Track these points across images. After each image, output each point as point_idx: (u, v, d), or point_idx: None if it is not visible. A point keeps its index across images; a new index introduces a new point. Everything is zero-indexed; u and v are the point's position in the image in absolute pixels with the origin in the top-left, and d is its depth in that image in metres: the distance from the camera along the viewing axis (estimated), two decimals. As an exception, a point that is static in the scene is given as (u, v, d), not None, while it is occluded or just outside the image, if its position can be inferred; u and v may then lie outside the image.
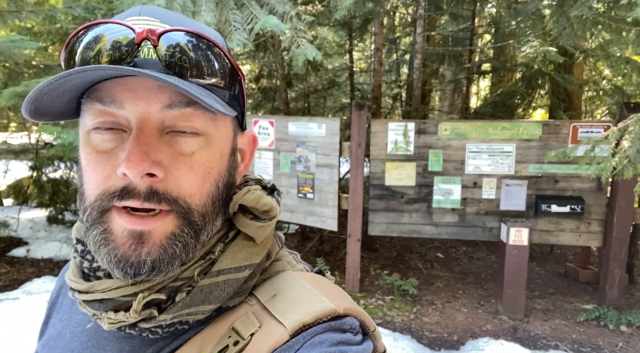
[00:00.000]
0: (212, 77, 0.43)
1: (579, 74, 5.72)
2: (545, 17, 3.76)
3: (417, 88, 4.66)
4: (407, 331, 3.34)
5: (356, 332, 0.45)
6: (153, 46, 0.41)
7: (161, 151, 0.41)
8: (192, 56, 0.42)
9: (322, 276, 0.52)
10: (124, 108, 0.41)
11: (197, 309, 0.44)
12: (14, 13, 4.61)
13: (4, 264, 4.45)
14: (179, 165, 0.42)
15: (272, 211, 0.49)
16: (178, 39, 0.42)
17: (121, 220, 0.40)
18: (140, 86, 0.41)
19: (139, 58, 0.41)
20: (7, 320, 3.12)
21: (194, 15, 2.83)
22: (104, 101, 0.41)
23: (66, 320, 0.55)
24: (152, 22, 0.44)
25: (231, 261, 0.46)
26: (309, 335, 0.42)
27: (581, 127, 3.56)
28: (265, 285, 0.48)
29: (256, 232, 0.47)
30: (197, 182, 0.43)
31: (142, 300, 0.42)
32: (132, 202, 0.40)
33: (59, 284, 0.62)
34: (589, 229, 3.62)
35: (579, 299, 3.92)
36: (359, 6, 3.98)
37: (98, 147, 0.42)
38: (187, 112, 0.42)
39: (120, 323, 0.43)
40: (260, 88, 6.45)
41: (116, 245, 0.40)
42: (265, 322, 0.44)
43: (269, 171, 4.19)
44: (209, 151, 0.44)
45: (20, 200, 6.22)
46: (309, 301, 0.44)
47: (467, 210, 3.77)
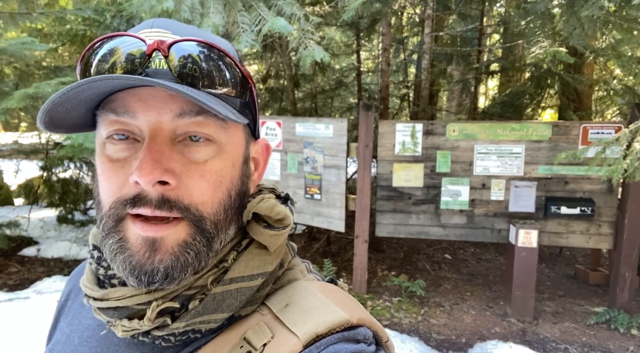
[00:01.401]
0: (222, 86, 0.44)
1: (589, 74, 5.66)
2: (555, 17, 3.72)
3: (424, 88, 4.63)
4: (415, 333, 3.32)
5: (370, 342, 0.44)
6: (164, 56, 0.41)
7: (173, 159, 0.41)
8: (203, 66, 0.42)
9: (334, 286, 0.52)
10: (137, 118, 0.41)
11: (209, 317, 0.44)
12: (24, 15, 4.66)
13: (15, 263, 4.51)
14: (191, 173, 0.42)
15: (285, 219, 0.49)
16: (188, 49, 0.42)
17: (135, 228, 0.41)
18: (151, 96, 0.41)
19: (150, 69, 0.42)
20: (17, 319, 3.16)
21: (202, 17, 2.84)
22: (117, 111, 0.42)
23: (75, 325, 0.55)
24: (163, 33, 0.45)
25: (244, 269, 0.46)
26: (322, 346, 0.41)
27: (591, 129, 3.52)
28: (278, 294, 0.48)
29: (270, 240, 0.47)
30: (209, 190, 0.43)
31: (155, 308, 0.42)
32: (143, 210, 0.40)
33: (68, 288, 0.62)
34: (599, 231, 3.58)
35: (589, 302, 3.88)
36: (366, 7, 3.97)
37: (112, 156, 0.43)
38: (198, 121, 0.42)
39: (134, 331, 0.43)
40: (267, 89, 6.46)
41: (131, 252, 0.41)
42: (278, 332, 0.43)
43: (277, 172, 4.19)
44: (220, 159, 0.44)
45: (30, 200, 6.29)
46: (322, 311, 0.44)
47: (476, 212, 3.74)
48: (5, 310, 3.32)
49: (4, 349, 2.75)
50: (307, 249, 5.17)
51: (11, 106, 3.19)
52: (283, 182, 4.18)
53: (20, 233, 5.06)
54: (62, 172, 5.53)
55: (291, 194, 4.14)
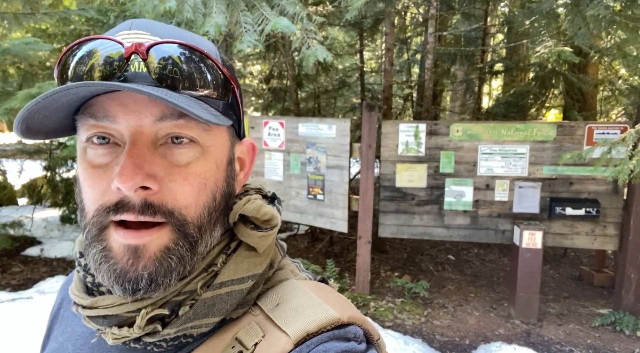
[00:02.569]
0: (204, 88, 0.43)
1: (594, 74, 5.62)
2: (560, 17, 3.70)
3: (428, 88, 4.61)
4: (418, 334, 3.31)
5: (360, 340, 0.44)
6: (142, 59, 0.41)
7: (155, 164, 0.41)
8: (183, 68, 0.42)
9: (325, 285, 0.52)
10: (117, 122, 0.41)
11: (200, 322, 0.44)
12: (28, 15, 4.67)
13: (18, 263, 4.52)
14: (173, 177, 0.42)
15: (273, 220, 0.48)
16: (168, 51, 0.42)
17: (117, 235, 0.41)
18: (131, 100, 0.41)
19: (129, 72, 0.41)
20: (20, 319, 3.16)
21: (204, 17, 2.83)
22: (97, 116, 0.41)
23: (69, 333, 0.55)
24: (142, 35, 0.44)
25: (234, 272, 0.45)
26: (313, 344, 0.41)
27: (597, 129, 3.49)
28: (269, 294, 0.48)
29: (258, 242, 0.47)
30: (193, 193, 0.43)
31: (145, 316, 0.42)
32: (127, 215, 0.40)
33: (61, 296, 0.62)
34: (604, 232, 3.55)
35: (594, 303, 3.85)
36: (370, 6, 3.95)
37: (93, 162, 0.42)
38: (180, 124, 0.42)
39: (124, 339, 0.43)
40: (270, 89, 6.45)
41: (115, 261, 0.41)
42: (269, 332, 0.43)
43: (279, 173, 4.19)
44: (204, 162, 0.44)
45: (34, 200, 6.31)
46: (313, 310, 0.44)
47: (479, 212, 3.72)
48: (9, 310, 3.32)
49: (7, 349, 2.76)
50: (310, 249, 5.16)
51: (14, 106, 3.19)
52: (286, 182, 4.17)
53: (23, 233, 5.08)
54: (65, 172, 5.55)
55: (294, 194, 4.15)
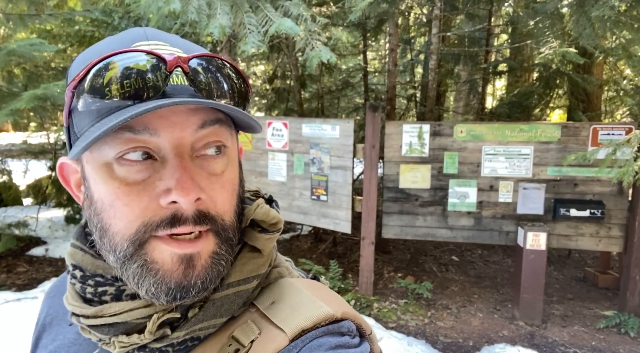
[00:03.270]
0: (232, 95, 0.45)
1: (599, 74, 5.60)
2: (565, 17, 3.68)
3: (432, 89, 4.61)
4: (422, 335, 3.30)
5: (354, 335, 0.46)
6: (184, 72, 0.42)
7: (198, 174, 0.42)
8: (216, 78, 0.43)
9: (317, 282, 0.53)
10: (158, 135, 0.40)
11: (209, 323, 0.44)
12: (33, 16, 4.70)
13: (23, 263, 4.54)
14: (213, 186, 0.43)
15: (279, 223, 0.50)
16: (201, 63, 0.43)
17: (169, 247, 0.41)
18: (171, 112, 0.41)
19: (169, 85, 0.41)
20: (25, 319, 3.18)
21: (209, 19, 2.84)
22: (135, 129, 0.40)
23: (60, 340, 0.55)
24: (163, 46, 0.44)
25: (239, 273, 0.47)
26: (308, 339, 0.43)
27: (601, 130, 3.47)
28: (264, 293, 0.49)
29: (264, 244, 0.49)
30: (229, 199, 0.45)
31: (157, 321, 0.42)
32: (183, 228, 0.40)
33: (47, 305, 0.61)
34: (609, 234, 3.53)
35: (598, 305, 3.83)
36: (373, 7, 3.95)
37: (128, 179, 0.40)
38: (216, 130, 0.43)
39: (133, 346, 0.43)
40: (274, 89, 6.46)
41: (164, 272, 0.41)
42: (265, 329, 0.44)
43: (283, 173, 4.19)
44: (232, 168, 0.46)
45: (39, 200, 6.35)
46: (308, 306, 0.45)
47: (483, 213, 3.71)
48: (14, 310, 3.34)
49: (12, 348, 2.77)
50: (313, 250, 5.16)
51: (20, 106, 3.22)
52: (289, 183, 4.17)
53: (28, 233, 5.10)
54: (70, 172, 5.56)
55: (297, 195, 4.15)
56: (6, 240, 4.48)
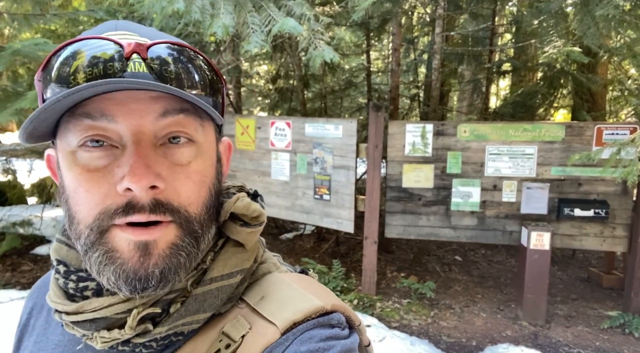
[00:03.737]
0: (199, 86, 0.43)
1: (603, 74, 5.57)
2: (569, 16, 3.67)
3: (435, 89, 4.60)
4: (425, 335, 3.30)
5: (343, 326, 0.46)
6: (142, 59, 0.41)
7: (159, 163, 0.41)
8: (179, 66, 0.42)
9: (306, 276, 0.53)
10: (116, 122, 0.40)
11: (192, 318, 0.44)
12: (38, 16, 4.72)
13: (28, 262, 4.57)
14: (177, 175, 0.42)
15: (261, 216, 0.50)
16: (165, 51, 0.42)
17: (125, 234, 0.40)
18: (131, 99, 0.40)
19: (127, 72, 0.40)
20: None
21: (212, 18, 2.85)
22: (93, 116, 0.40)
23: (42, 342, 0.54)
24: (130, 36, 0.44)
25: (222, 268, 0.46)
26: (299, 332, 0.43)
27: (606, 129, 3.46)
28: (253, 288, 0.49)
29: (246, 238, 0.48)
30: (195, 191, 0.43)
31: (137, 316, 0.42)
32: (137, 217, 0.39)
33: (30, 305, 0.60)
34: (613, 234, 3.51)
35: (602, 305, 3.81)
36: (376, 6, 3.94)
37: (89, 166, 0.40)
38: (180, 119, 0.42)
39: (114, 341, 0.43)
40: (277, 89, 6.47)
41: (123, 260, 0.40)
42: (256, 323, 0.45)
43: (286, 173, 4.19)
44: (202, 160, 0.45)
45: (43, 199, 6.38)
46: (298, 300, 0.46)
47: (487, 213, 3.70)
48: (18, 308, 3.36)
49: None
50: (316, 249, 5.16)
51: (24, 106, 3.23)
52: (292, 182, 4.17)
53: (33, 231, 5.13)
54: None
55: (300, 194, 4.15)
56: (11, 239, 4.50)
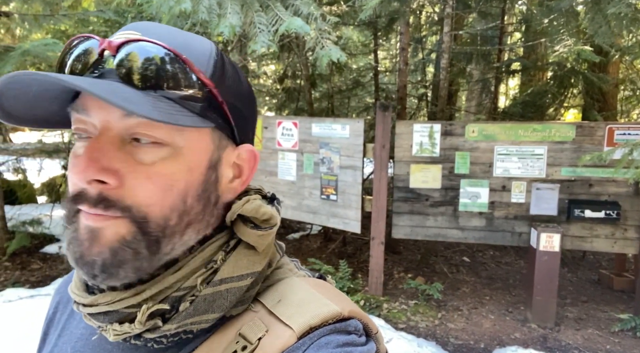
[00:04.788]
0: (172, 88, 0.42)
1: (615, 73, 5.49)
2: (580, 15, 3.62)
3: (443, 88, 4.56)
4: (432, 337, 3.27)
5: (360, 333, 0.46)
6: (112, 55, 0.42)
7: (116, 159, 0.41)
8: (152, 67, 0.41)
9: (324, 281, 0.53)
10: (90, 116, 0.43)
11: (200, 318, 0.44)
12: (48, 16, 4.77)
13: (37, 260, 4.61)
14: (136, 174, 0.42)
15: (272, 219, 0.49)
16: (140, 50, 0.42)
17: (82, 218, 0.43)
18: None
19: (104, 68, 0.43)
20: (39, 316, 3.23)
21: (219, 18, 2.85)
22: (78, 109, 0.43)
23: (67, 336, 0.55)
24: (131, 35, 0.44)
25: (233, 269, 0.46)
26: (315, 337, 0.43)
27: (617, 129, 3.40)
28: (270, 291, 0.49)
29: (257, 241, 0.48)
30: (156, 193, 0.42)
31: (146, 311, 0.43)
32: (82, 206, 0.42)
33: (56, 300, 0.62)
34: (625, 235, 3.46)
35: (613, 308, 3.75)
36: (384, 6, 3.93)
37: (75, 152, 0.44)
38: (146, 122, 0.41)
39: (125, 335, 0.44)
40: (284, 89, 6.47)
41: (79, 242, 0.42)
42: (272, 326, 0.44)
43: (292, 173, 4.19)
44: (173, 163, 0.43)
45: (53, 198, 6.45)
46: (315, 304, 0.45)
47: (495, 214, 3.66)
48: (28, 306, 3.40)
49: (26, 345, 2.82)
50: (323, 250, 5.15)
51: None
52: (299, 182, 4.17)
53: (42, 230, 5.18)
54: (83, 171, 5.63)
55: (307, 194, 4.14)
56: (20, 238, 4.55)
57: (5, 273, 4.26)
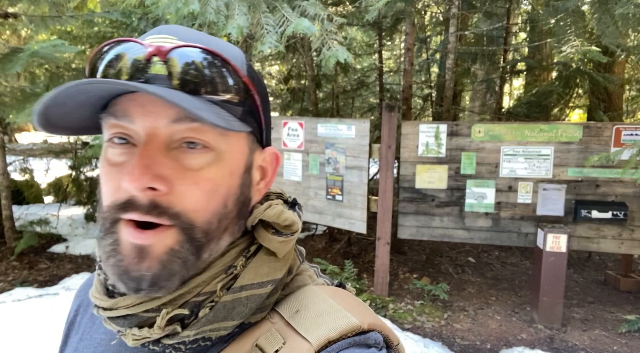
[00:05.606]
0: (221, 93, 0.43)
1: (620, 73, 5.47)
2: (586, 15, 3.61)
3: (449, 88, 4.56)
4: (438, 337, 3.27)
5: (380, 346, 0.45)
6: (162, 61, 0.42)
7: (166, 166, 0.41)
8: (201, 72, 0.42)
9: (343, 290, 0.52)
10: (134, 123, 0.42)
11: (219, 325, 0.44)
12: (55, 18, 4.79)
13: (45, 260, 4.64)
14: (184, 180, 0.42)
15: (293, 225, 0.48)
16: (188, 55, 0.42)
17: (126, 233, 0.41)
18: (149, 101, 0.41)
19: (150, 74, 0.42)
20: (47, 315, 3.25)
21: (226, 19, 2.86)
22: (117, 115, 0.42)
23: (87, 340, 0.55)
24: (168, 39, 0.44)
25: (254, 276, 0.45)
26: (334, 351, 0.41)
27: (625, 130, 3.39)
28: (288, 300, 0.48)
29: (278, 247, 0.47)
30: (203, 198, 0.43)
31: (165, 316, 0.42)
32: (133, 215, 0.40)
33: (77, 303, 0.62)
34: (632, 236, 3.45)
35: (620, 309, 3.74)
36: (390, 6, 3.92)
37: (111, 160, 0.43)
38: (194, 127, 0.42)
39: (144, 340, 0.43)
40: (289, 89, 6.48)
41: (122, 256, 0.41)
42: (290, 338, 0.43)
43: (298, 173, 4.20)
44: (217, 168, 0.44)
45: (60, 198, 6.48)
46: (333, 316, 0.44)
47: (502, 215, 3.66)
48: (36, 306, 3.42)
49: (36, 343, 2.84)
50: (328, 250, 5.16)
51: (43, 107, 3.27)
52: (304, 183, 4.18)
53: (49, 230, 5.21)
54: (90, 171, 5.68)
55: (312, 195, 4.15)
56: (28, 237, 4.58)
57: (13, 273, 4.29)
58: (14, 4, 4.93)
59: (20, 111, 3.73)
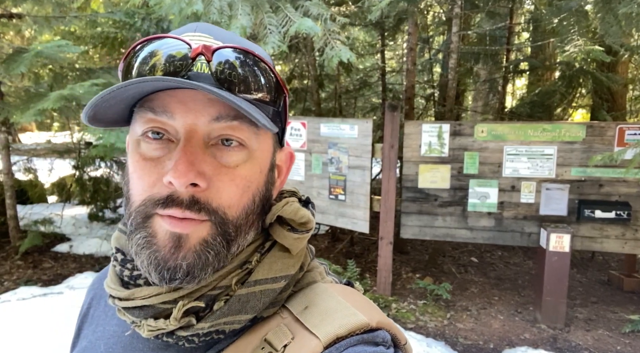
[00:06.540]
0: (258, 92, 0.44)
1: (624, 73, 5.46)
2: (589, 14, 3.60)
3: (451, 88, 4.56)
4: (441, 337, 3.27)
5: (388, 345, 0.45)
6: (207, 61, 0.43)
7: (205, 162, 0.42)
8: (241, 72, 0.43)
9: (352, 288, 0.53)
10: (174, 119, 0.42)
11: (233, 318, 0.44)
12: (59, 18, 4.82)
13: (49, 259, 4.67)
14: (221, 176, 0.43)
15: (309, 223, 0.49)
16: (229, 55, 0.43)
17: (164, 223, 0.42)
18: (190, 99, 0.42)
19: (192, 72, 0.43)
20: (52, 314, 3.27)
21: (230, 19, 2.87)
22: (156, 110, 0.43)
23: (100, 332, 0.55)
24: (205, 38, 0.46)
25: (268, 271, 0.46)
26: (342, 347, 0.42)
27: (628, 129, 3.39)
28: (297, 297, 0.49)
29: (293, 243, 0.48)
30: (237, 194, 0.44)
31: (182, 308, 0.43)
32: (174, 210, 0.41)
33: (90, 296, 0.63)
34: (635, 236, 3.44)
35: (623, 309, 3.74)
36: (392, 6, 3.93)
37: (146, 154, 0.43)
38: (234, 125, 0.43)
39: (159, 331, 0.44)
40: (291, 89, 6.48)
41: (158, 247, 0.42)
42: (299, 334, 0.44)
43: (301, 173, 4.20)
44: (250, 165, 0.45)
45: (63, 197, 6.51)
46: (342, 313, 0.45)
47: (505, 214, 3.66)
48: (40, 305, 3.44)
49: (40, 342, 2.85)
50: (331, 249, 5.16)
51: (47, 106, 3.30)
52: (307, 182, 4.18)
53: (53, 229, 5.24)
54: (93, 171, 5.70)
55: (315, 194, 4.16)
56: (32, 237, 4.60)
57: (18, 272, 4.32)
58: (18, 4, 4.96)
59: (25, 111, 3.75)
